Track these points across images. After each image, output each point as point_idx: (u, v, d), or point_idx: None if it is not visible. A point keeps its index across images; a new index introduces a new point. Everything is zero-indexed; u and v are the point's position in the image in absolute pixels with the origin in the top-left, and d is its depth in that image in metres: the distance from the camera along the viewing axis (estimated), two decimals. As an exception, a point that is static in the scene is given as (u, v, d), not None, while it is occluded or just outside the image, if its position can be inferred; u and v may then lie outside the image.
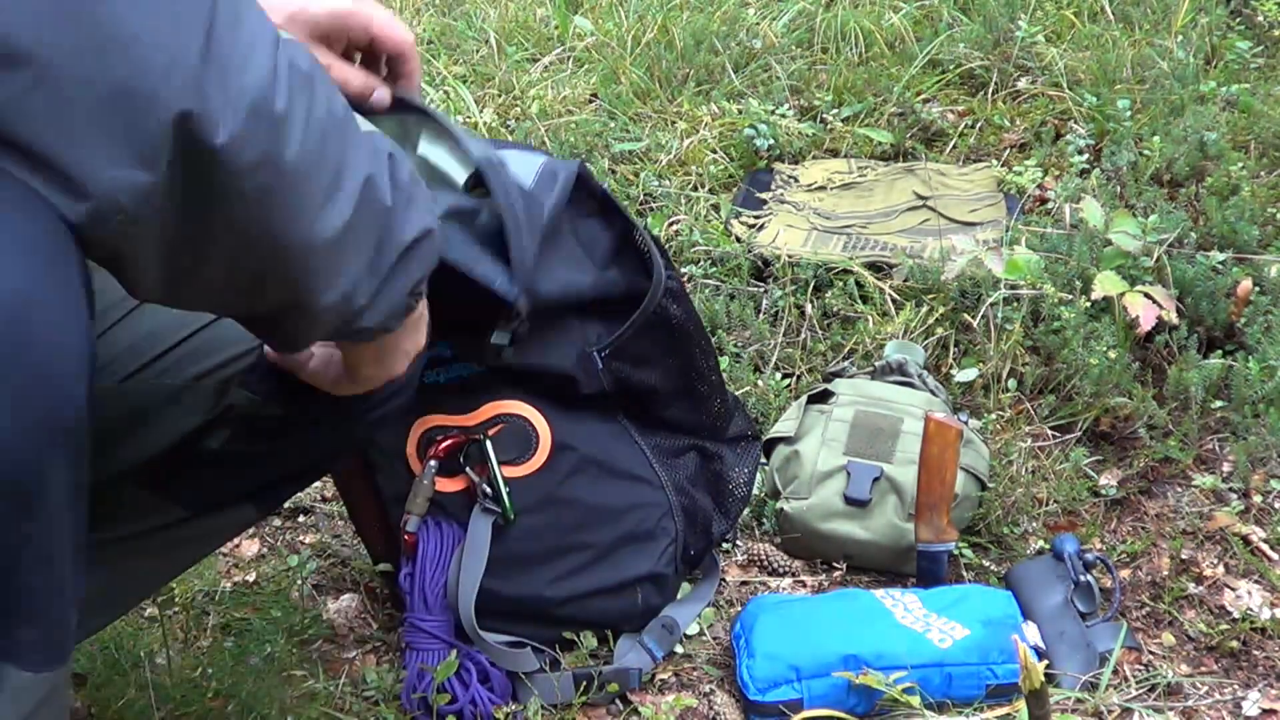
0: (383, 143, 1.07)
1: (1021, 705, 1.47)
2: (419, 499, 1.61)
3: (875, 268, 2.30)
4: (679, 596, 1.75)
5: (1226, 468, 1.95)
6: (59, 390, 0.96)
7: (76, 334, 0.96)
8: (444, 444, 1.61)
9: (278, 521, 1.99)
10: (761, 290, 2.30)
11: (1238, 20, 2.92)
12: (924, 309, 2.18)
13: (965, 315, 2.15)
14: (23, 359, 0.92)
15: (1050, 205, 2.41)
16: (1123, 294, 2.01)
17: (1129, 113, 2.52)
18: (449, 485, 1.62)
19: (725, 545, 1.88)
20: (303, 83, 0.97)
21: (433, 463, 1.60)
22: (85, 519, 1.04)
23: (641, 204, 2.54)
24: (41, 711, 1.05)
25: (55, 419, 0.96)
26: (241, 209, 0.95)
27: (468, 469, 1.61)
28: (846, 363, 2.13)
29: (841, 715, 1.58)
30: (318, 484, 1.91)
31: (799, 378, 2.16)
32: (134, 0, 0.89)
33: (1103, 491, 1.94)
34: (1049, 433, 2.02)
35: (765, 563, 1.86)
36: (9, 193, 0.93)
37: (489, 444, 1.60)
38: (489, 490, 1.60)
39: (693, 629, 1.74)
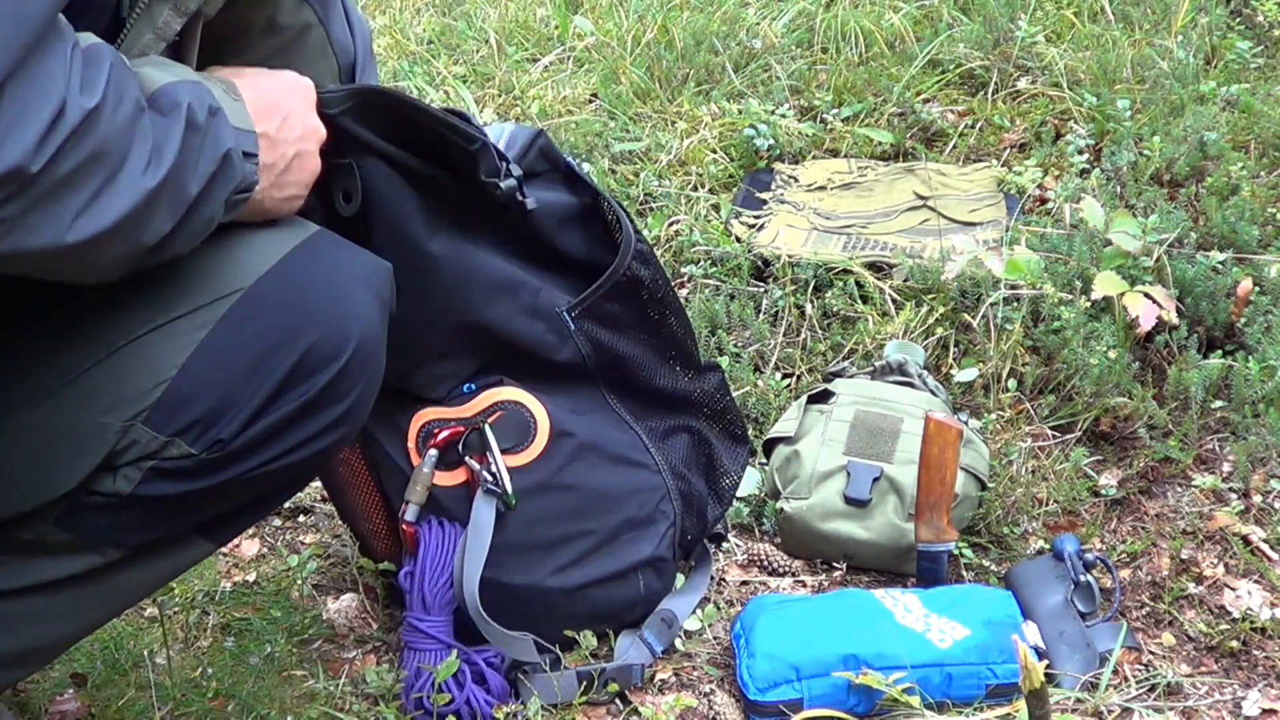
0: (181, 98, 1.13)
1: (1021, 705, 1.47)
2: (418, 487, 1.61)
3: (875, 268, 2.30)
4: (676, 588, 1.75)
5: (1226, 468, 1.95)
6: None
7: None
8: (442, 434, 1.61)
9: (278, 521, 1.99)
10: (761, 290, 2.30)
11: (1238, 20, 2.92)
12: (924, 309, 2.18)
13: (965, 315, 2.16)
14: None
15: (1050, 205, 2.41)
16: (1123, 294, 2.01)
17: (1129, 113, 2.52)
18: (448, 479, 1.63)
19: (725, 545, 1.88)
20: (76, 131, 1.03)
21: (432, 452, 1.60)
22: None
23: (641, 204, 2.54)
24: None
25: None
26: None
27: (467, 459, 1.61)
28: (846, 363, 2.13)
29: (841, 715, 1.58)
30: (317, 484, 1.90)
31: (799, 378, 2.16)
32: None
33: (1103, 491, 1.94)
34: (1049, 433, 2.02)
35: (765, 563, 1.86)
36: None
37: (489, 430, 1.60)
38: (490, 476, 1.60)
39: (693, 625, 1.74)
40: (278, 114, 1.25)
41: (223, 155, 1.15)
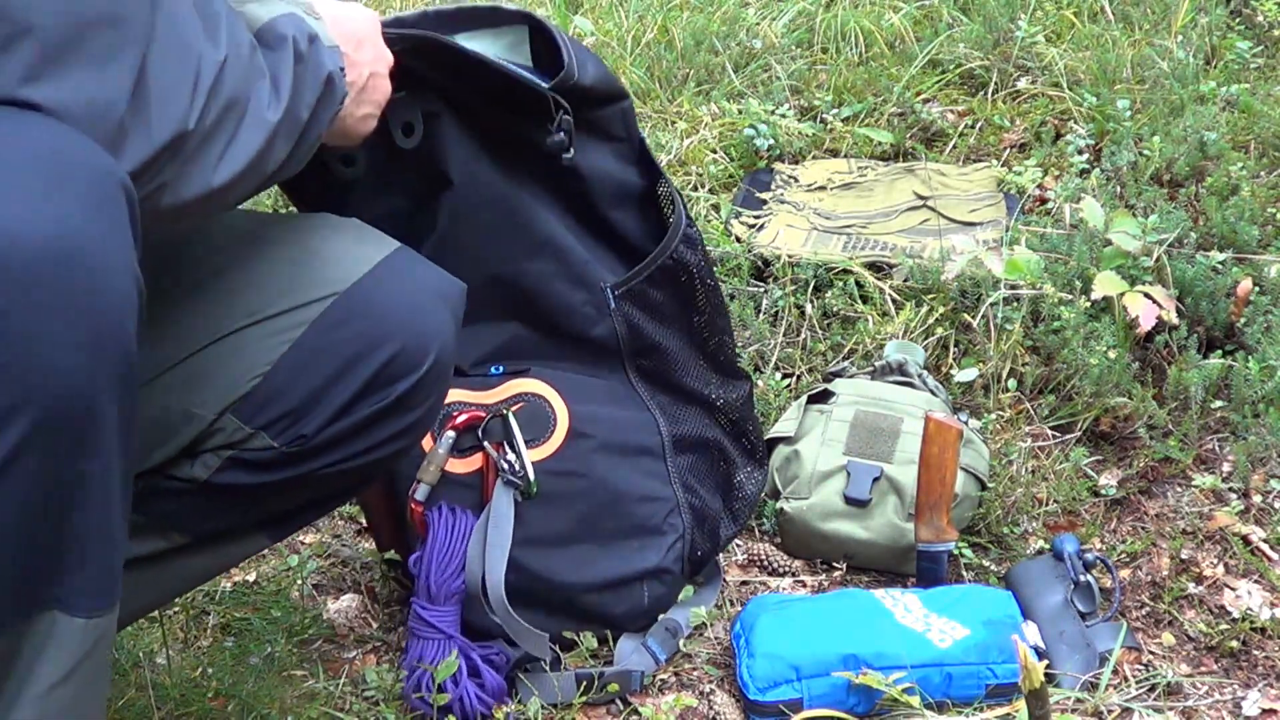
0: (286, 31, 1.16)
1: (1021, 705, 1.47)
2: (431, 467, 1.60)
3: (875, 268, 2.30)
4: (681, 599, 1.75)
5: (1226, 468, 1.95)
6: (111, 325, 0.98)
7: (125, 271, 0.99)
8: (461, 417, 1.61)
9: (278, 521, 1.98)
10: (761, 290, 2.29)
11: (1238, 20, 2.92)
12: (924, 309, 2.18)
13: (965, 315, 2.15)
14: (75, 290, 0.95)
15: (1050, 205, 2.41)
16: (1123, 294, 2.02)
17: (1129, 113, 2.52)
18: (462, 466, 1.62)
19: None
20: (214, 84, 1.06)
21: (450, 433, 1.60)
22: (133, 467, 1.05)
23: (641, 204, 2.54)
24: (89, 662, 1.05)
25: (108, 354, 0.98)
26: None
27: (486, 444, 1.61)
28: (846, 363, 2.13)
29: (841, 715, 1.58)
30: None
31: (799, 378, 2.16)
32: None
33: (1103, 491, 1.94)
34: (1049, 433, 2.02)
35: (765, 563, 1.86)
36: (61, 134, 0.98)
37: (513, 419, 1.60)
38: (507, 465, 1.59)
39: (694, 623, 1.74)
40: (354, 36, 1.28)
41: (325, 78, 1.20)
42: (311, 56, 1.19)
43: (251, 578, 1.86)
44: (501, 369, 1.65)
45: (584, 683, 1.62)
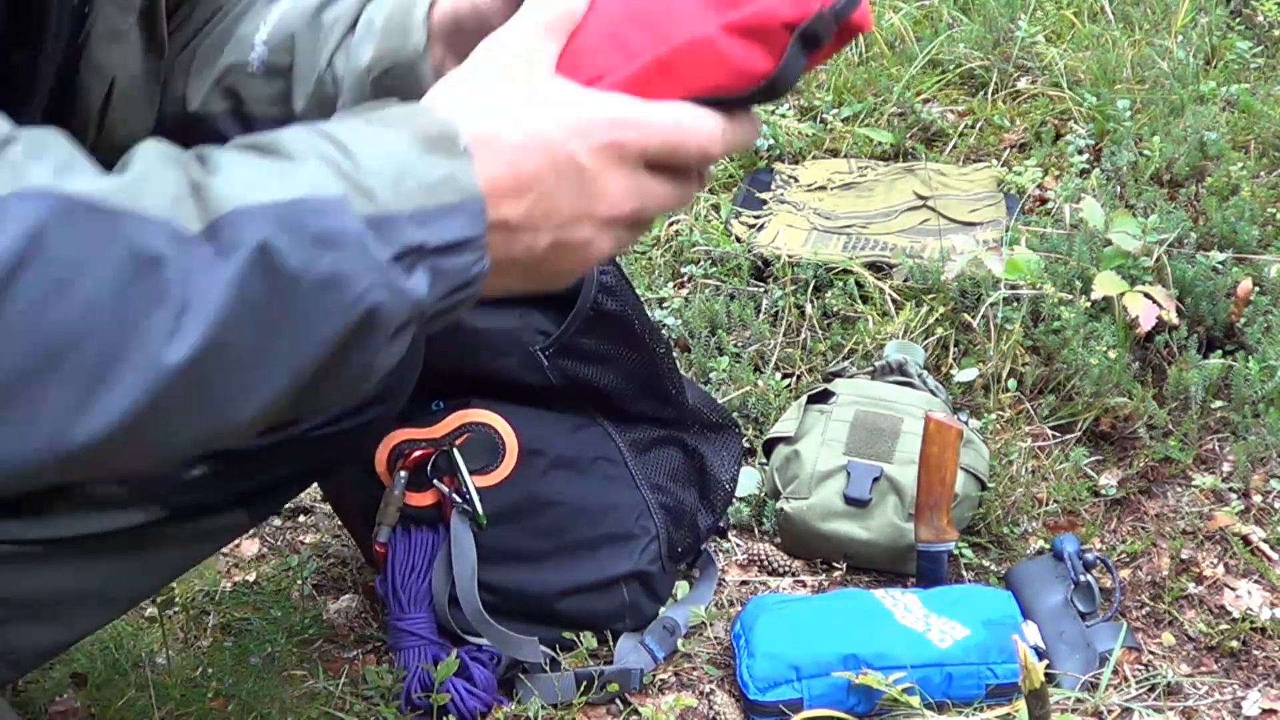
0: (248, 235, 0.70)
1: (1021, 705, 1.47)
2: (390, 509, 1.61)
3: (875, 268, 2.30)
4: (679, 598, 1.75)
5: (1226, 468, 1.95)
6: None
7: None
8: (412, 456, 1.61)
9: (278, 521, 1.99)
10: (761, 290, 2.30)
11: (1238, 20, 2.92)
12: (924, 309, 2.18)
13: (965, 315, 2.15)
14: None
15: (1050, 205, 2.41)
16: (1123, 294, 2.01)
17: (1129, 113, 2.52)
18: (419, 499, 1.63)
19: (725, 545, 1.88)
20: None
21: (402, 474, 1.60)
22: None
23: (641, 204, 2.54)
24: None
25: None
26: None
27: (435, 481, 1.61)
28: (846, 363, 2.13)
29: (841, 715, 1.58)
30: (318, 483, 1.91)
31: (799, 378, 2.16)
32: None
33: (1103, 491, 1.94)
34: (1049, 433, 2.02)
35: (765, 563, 1.86)
36: None
37: (457, 453, 1.60)
38: (459, 499, 1.60)
39: (693, 622, 1.74)
40: (530, 190, 0.79)
41: (360, 315, 0.73)
42: (309, 281, 0.71)
43: (251, 578, 1.86)
44: (443, 404, 1.63)
45: (583, 682, 1.62)
